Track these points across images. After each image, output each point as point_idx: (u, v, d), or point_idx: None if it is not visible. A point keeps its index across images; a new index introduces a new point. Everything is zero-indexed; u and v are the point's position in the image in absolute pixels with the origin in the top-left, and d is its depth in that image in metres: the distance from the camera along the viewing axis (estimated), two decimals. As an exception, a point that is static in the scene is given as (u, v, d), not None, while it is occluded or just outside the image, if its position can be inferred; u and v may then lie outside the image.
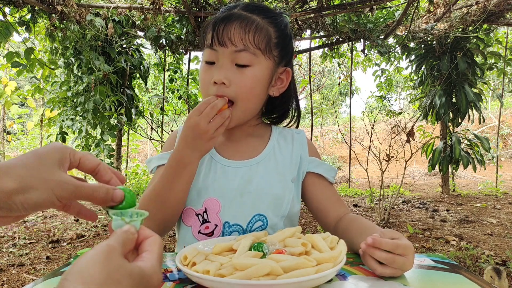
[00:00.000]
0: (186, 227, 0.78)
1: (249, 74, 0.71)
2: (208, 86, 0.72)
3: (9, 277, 2.13)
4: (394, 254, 0.54)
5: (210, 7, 3.38)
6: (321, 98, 11.95)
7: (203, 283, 0.50)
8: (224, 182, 0.77)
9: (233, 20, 0.70)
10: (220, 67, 0.71)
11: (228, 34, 0.69)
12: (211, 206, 0.76)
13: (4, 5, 3.08)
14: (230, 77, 0.70)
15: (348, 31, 3.77)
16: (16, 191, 0.36)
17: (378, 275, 0.56)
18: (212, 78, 0.71)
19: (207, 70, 0.73)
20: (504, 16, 3.78)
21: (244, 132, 0.83)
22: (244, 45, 0.70)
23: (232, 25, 0.70)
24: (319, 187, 0.82)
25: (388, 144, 3.41)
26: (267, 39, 0.73)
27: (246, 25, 0.70)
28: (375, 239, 0.54)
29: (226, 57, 0.71)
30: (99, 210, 4.10)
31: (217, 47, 0.70)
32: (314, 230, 3.11)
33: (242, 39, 0.70)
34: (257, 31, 0.71)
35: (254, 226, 0.76)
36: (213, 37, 0.70)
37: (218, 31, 0.70)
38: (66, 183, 0.39)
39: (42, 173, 0.38)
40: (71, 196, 0.40)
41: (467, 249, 2.39)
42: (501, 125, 9.79)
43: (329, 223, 0.79)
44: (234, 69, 0.71)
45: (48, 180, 0.38)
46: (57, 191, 0.38)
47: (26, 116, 8.17)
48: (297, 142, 0.85)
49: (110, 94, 3.51)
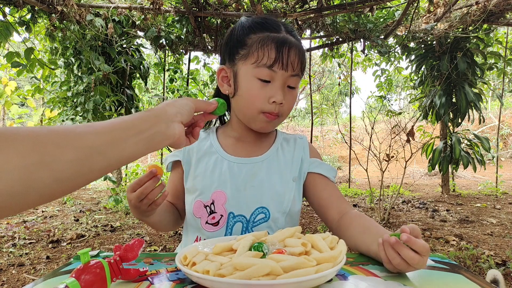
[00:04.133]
0: (196, 218, 0.82)
1: (294, 94, 0.82)
2: (262, 102, 0.78)
3: (9, 277, 2.13)
4: (420, 256, 0.54)
5: (210, 7, 3.38)
6: (321, 98, 11.96)
7: (203, 283, 0.50)
8: (230, 176, 0.83)
9: (292, 46, 0.77)
10: (278, 88, 0.77)
11: (291, 59, 0.76)
12: (218, 197, 0.81)
13: (4, 5, 3.08)
14: (285, 97, 0.79)
15: (348, 31, 3.77)
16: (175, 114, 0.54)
17: (380, 274, 0.56)
18: (269, 97, 0.77)
19: (263, 87, 0.77)
20: (504, 16, 3.78)
21: (254, 136, 0.89)
22: (299, 70, 0.79)
23: (293, 50, 0.76)
24: (321, 185, 0.86)
25: (388, 144, 3.41)
26: (305, 64, 0.81)
27: (299, 51, 0.78)
28: (411, 238, 0.54)
29: (283, 79, 0.77)
30: (99, 210, 4.10)
31: (278, 69, 0.76)
32: (314, 230, 3.11)
33: (298, 65, 0.78)
34: (304, 59, 0.80)
35: (257, 217, 0.80)
36: (277, 60, 0.75)
37: (282, 55, 0.75)
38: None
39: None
40: (198, 103, 0.61)
41: (467, 249, 2.39)
42: (501, 125, 9.79)
43: (332, 219, 0.82)
44: (286, 90, 0.79)
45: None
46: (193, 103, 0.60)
47: (26, 116, 8.16)
48: (299, 146, 0.90)
49: (110, 94, 3.51)
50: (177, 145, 0.56)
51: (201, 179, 0.84)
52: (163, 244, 2.76)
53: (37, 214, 3.93)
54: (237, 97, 0.81)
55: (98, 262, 0.50)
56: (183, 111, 0.56)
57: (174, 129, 0.53)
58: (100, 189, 6.39)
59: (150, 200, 0.71)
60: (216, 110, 0.64)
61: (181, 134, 0.54)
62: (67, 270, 0.62)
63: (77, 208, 4.25)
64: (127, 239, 2.89)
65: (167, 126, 0.52)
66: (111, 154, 0.43)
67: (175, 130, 0.53)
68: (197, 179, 0.85)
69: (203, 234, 0.81)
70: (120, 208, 4.02)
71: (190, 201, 0.84)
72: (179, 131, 0.54)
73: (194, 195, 0.84)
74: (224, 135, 0.91)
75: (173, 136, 0.53)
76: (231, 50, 0.81)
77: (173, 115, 0.54)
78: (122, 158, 0.45)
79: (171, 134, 0.53)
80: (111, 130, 0.44)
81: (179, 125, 0.54)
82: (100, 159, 0.42)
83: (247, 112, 0.81)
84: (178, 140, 0.54)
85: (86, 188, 6.56)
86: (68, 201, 4.72)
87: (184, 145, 0.58)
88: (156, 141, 0.50)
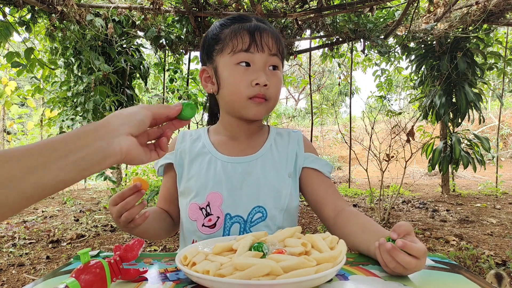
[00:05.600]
0: (192, 221, 0.81)
1: (278, 75, 0.81)
2: (246, 87, 0.77)
3: (9, 277, 2.13)
4: (417, 259, 0.54)
5: (210, 7, 3.38)
6: (321, 98, 11.95)
7: (203, 283, 0.50)
8: (224, 176, 0.81)
9: (264, 30, 0.80)
10: (259, 70, 0.78)
11: (265, 40, 0.78)
12: (214, 199, 0.80)
13: (4, 5, 3.08)
14: (269, 79, 0.78)
15: (348, 31, 3.77)
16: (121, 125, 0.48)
17: (380, 274, 0.56)
18: (252, 80, 0.77)
19: (244, 72, 0.78)
20: (504, 16, 3.78)
21: (246, 132, 0.87)
22: (275, 51, 0.80)
23: (265, 33, 0.79)
24: (316, 181, 0.85)
25: (388, 144, 3.41)
26: (282, 46, 0.83)
27: (274, 33, 0.81)
28: (406, 244, 0.54)
29: (263, 61, 0.78)
30: (99, 210, 4.10)
31: (255, 51, 0.77)
32: (314, 230, 3.11)
33: (274, 45, 0.79)
34: (279, 39, 0.82)
35: (254, 217, 0.79)
36: (252, 42, 0.77)
37: (256, 37, 0.78)
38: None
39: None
40: (154, 108, 0.52)
41: (467, 249, 2.39)
42: (501, 125, 9.79)
43: (328, 216, 0.81)
44: (268, 71, 0.79)
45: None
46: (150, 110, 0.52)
47: (26, 116, 8.17)
48: (293, 140, 0.89)
49: (110, 94, 3.51)
50: (129, 162, 0.49)
51: (195, 181, 0.82)
52: (163, 244, 2.76)
53: (37, 214, 3.93)
54: (222, 90, 0.81)
55: (98, 262, 0.50)
56: (131, 120, 0.48)
57: (119, 144, 0.46)
58: (100, 189, 6.39)
59: (129, 218, 0.68)
60: (182, 113, 0.56)
61: (130, 149, 0.47)
62: (67, 270, 0.62)
63: (77, 208, 4.25)
64: (127, 239, 2.89)
65: (108, 142, 0.45)
66: (24, 185, 0.37)
67: (120, 145, 0.46)
68: (191, 181, 0.83)
69: (199, 237, 0.79)
70: (120, 208, 4.01)
71: (185, 204, 0.83)
72: (126, 145, 0.47)
73: (188, 198, 0.82)
74: (216, 134, 0.90)
75: (118, 153, 0.46)
76: (207, 49, 0.83)
77: (116, 127, 0.46)
78: (43, 187, 0.38)
79: (115, 151, 0.45)
80: (24, 156, 0.38)
81: (126, 138, 0.47)
82: (11, 193, 0.36)
83: (234, 102, 0.79)
84: (129, 155, 0.47)
85: (86, 188, 6.57)
86: (68, 201, 4.72)
87: (143, 161, 0.51)
88: (94, 161, 0.43)
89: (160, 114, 0.53)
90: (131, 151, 0.48)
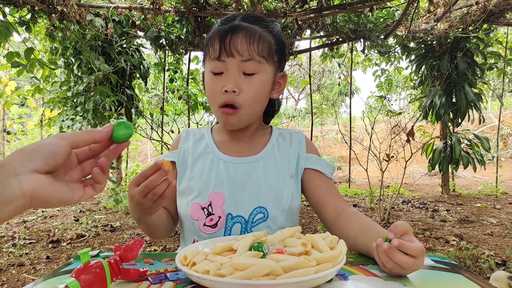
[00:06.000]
0: (193, 221, 0.81)
1: (256, 81, 0.77)
2: (218, 95, 0.76)
3: (9, 277, 2.13)
4: (414, 259, 0.54)
5: (210, 7, 3.38)
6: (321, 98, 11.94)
7: (203, 283, 0.50)
8: (226, 176, 0.82)
9: (238, 31, 0.75)
10: (230, 76, 0.75)
11: (235, 45, 0.74)
12: (215, 199, 0.80)
13: (4, 5, 3.08)
14: (239, 85, 0.75)
15: (348, 31, 3.76)
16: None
17: (380, 274, 0.56)
18: (222, 87, 0.75)
19: (216, 80, 0.77)
20: (504, 16, 3.78)
21: (247, 133, 0.88)
22: (250, 55, 0.75)
23: (237, 36, 0.74)
24: (317, 182, 0.85)
25: (388, 144, 3.41)
26: (269, 47, 0.78)
27: (250, 35, 0.75)
28: (402, 244, 0.54)
29: (234, 67, 0.75)
30: (99, 210, 4.10)
31: (225, 58, 0.75)
32: (314, 230, 3.11)
33: (248, 49, 0.74)
34: (260, 41, 0.76)
35: (255, 217, 0.79)
36: (221, 49, 0.74)
37: (225, 43, 0.74)
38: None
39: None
40: (72, 136, 0.45)
41: (467, 249, 2.39)
42: (501, 125, 9.79)
43: (328, 216, 0.82)
44: (243, 77, 0.76)
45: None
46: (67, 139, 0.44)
47: (26, 116, 8.16)
48: (295, 141, 0.89)
49: (110, 94, 3.50)
50: (44, 205, 0.41)
51: (197, 181, 0.83)
52: (163, 244, 2.76)
53: (37, 214, 3.93)
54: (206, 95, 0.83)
55: (98, 262, 0.50)
56: (37, 155, 0.40)
57: (20, 185, 0.38)
58: (100, 189, 6.38)
59: (156, 195, 0.63)
60: (114, 134, 0.47)
61: (35, 188, 0.39)
62: (67, 270, 0.62)
63: (77, 208, 4.25)
64: (127, 239, 2.89)
65: (4, 184, 0.37)
66: None
67: (21, 185, 0.38)
68: (193, 180, 0.83)
69: (201, 236, 0.80)
70: (120, 208, 4.02)
71: (186, 204, 0.82)
72: (30, 185, 0.39)
73: (190, 197, 0.82)
74: (219, 134, 0.90)
75: (19, 195, 0.38)
76: (203, 52, 0.84)
77: (15, 166, 0.38)
78: None
79: (14, 194, 0.37)
80: None
81: (30, 176, 0.39)
82: None
83: (212, 109, 0.81)
84: (37, 196, 0.39)
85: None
86: (68, 201, 4.71)
87: (66, 201, 0.43)
88: None
89: (82, 141, 0.45)
90: (38, 192, 0.39)
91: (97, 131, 0.46)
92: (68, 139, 0.44)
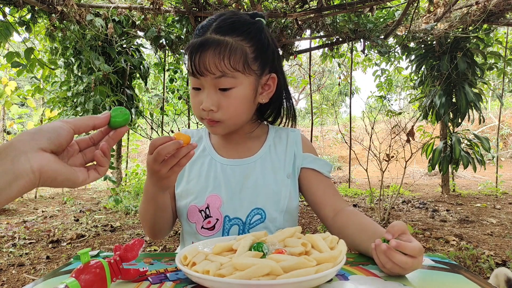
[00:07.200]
0: (191, 223, 0.81)
1: (234, 96, 0.74)
2: (199, 110, 0.76)
3: (9, 277, 2.13)
4: (413, 258, 0.54)
5: (210, 7, 3.38)
6: (321, 98, 11.95)
7: (203, 283, 0.50)
8: (223, 179, 0.81)
9: (207, 48, 0.70)
10: (206, 94, 0.74)
11: (204, 64, 0.70)
12: (213, 201, 0.80)
13: (4, 5, 3.08)
14: (216, 103, 0.73)
15: (348, 31, 3.77)
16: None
17: (380, 274, 0.56)
18: (200, 104, 0.74)
19: (196, 95, 0.76)
20: (504, 16, 3.78)
21: (242, 134, 0.87)
22: (222, 71, 0.71)
23: (206, 54, 0.70)
24: (315, 181, 0.84)
25: (388, 144, 3.41)
26: (243, 58, 0.73)
27: (220, 51, 0.70)
28: (400, 244, 0.54)
29: (209, 84, 0.73)
30: (99, 210, 4.10)
31: (198, 75, 0.72)
32: (314, 230, 3.11)
33: (218, 66, 0.70)
34: (231, 55, 0.71)
35: (253, 219, 0.79)
36: (192, 67, 0.72)
37: (194, 61, 0.71)
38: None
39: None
40: (74, 120, 0.47)
41: (467, 249, 2.39)
42: (501, 125, 9.79)
43: (327, 216, 0.81)
44: (219, 94, 0.73)
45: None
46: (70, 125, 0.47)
47: (26, 116, 8.15)
48: (291, 140, 0.88)
49: (110, 94, 3.51)
50: (52, 183, 0.43)
51: (195, 183, 0.82)
52: (163, 244, 2.76)
53: (37, 214, 3.93)
54: None
55: (98, 262, 0.50)
56: (42, 134, 0.43)
57: (28, 162, 0.40)
58: (100, 189, 6.39)
59: (170, 164, 0.62)
60: (112, 120, 0.50)
61: (43, 165, 0.41)
62: (67, 270, 0.63)
63: (77, 208, 4.25)
64: (127, 239, 2.89)
65: (13, 160, 0.39)
66: None
67: (30, 162, 0.40)
68: (191, 183, 0.83)
69: (199, 239, 0.79)
70: (120, 208, 4.02)
71: (184, 206, 0.82)
72: (38, 161, 0.41)
73: (188, 200, 0.82)
74: (216, 136, 0.90)
75: (28, 171, 0.40)
76: None
77: (23, 144, 0.41)
78: None
79: (24, 170, 0.39)
80: None
81: (37, 154, 0.41)
82: None
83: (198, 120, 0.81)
84: (45, 174, 0.41)
85: (86, 188, 6.56)
86: (68, 201, 4.72)
87: (73, 181, 0.45)
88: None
89: (84, 126, 0.47)
90: (46, 168, 0.41)
91: (96, 117, 0.49)
92: (71, 123, 0.47)
